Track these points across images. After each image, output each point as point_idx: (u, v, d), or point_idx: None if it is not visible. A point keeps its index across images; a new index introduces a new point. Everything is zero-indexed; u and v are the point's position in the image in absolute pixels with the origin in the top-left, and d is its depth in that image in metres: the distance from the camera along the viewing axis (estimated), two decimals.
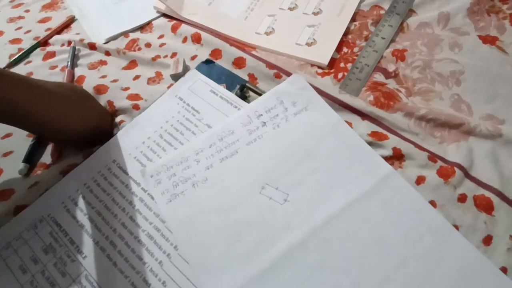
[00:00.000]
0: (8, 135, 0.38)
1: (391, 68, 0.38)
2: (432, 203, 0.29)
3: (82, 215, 0.31)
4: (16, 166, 0.35)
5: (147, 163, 0.33)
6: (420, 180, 0.30)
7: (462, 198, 0.29)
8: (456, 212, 0.29)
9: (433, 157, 0.32)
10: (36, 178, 0.34)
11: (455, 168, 0.30)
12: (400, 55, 0.39)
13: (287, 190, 0.30)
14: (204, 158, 0.32)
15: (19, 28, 0.49)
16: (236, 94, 0.37)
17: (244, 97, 0.37)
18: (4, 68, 0.44)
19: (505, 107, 0.34)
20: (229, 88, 0.38)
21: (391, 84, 0.37)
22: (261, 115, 0.34)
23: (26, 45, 0.46)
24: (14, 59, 0.44)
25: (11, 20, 0.50)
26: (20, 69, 0.43)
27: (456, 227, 0.28)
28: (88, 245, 0.29)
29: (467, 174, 0.30)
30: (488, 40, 0.39)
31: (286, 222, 0.29)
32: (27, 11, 0.51)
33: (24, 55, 0.44)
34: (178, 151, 0.33)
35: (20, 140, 0.37)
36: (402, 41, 0.40)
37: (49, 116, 0.31)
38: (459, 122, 0.33)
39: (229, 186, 0.31)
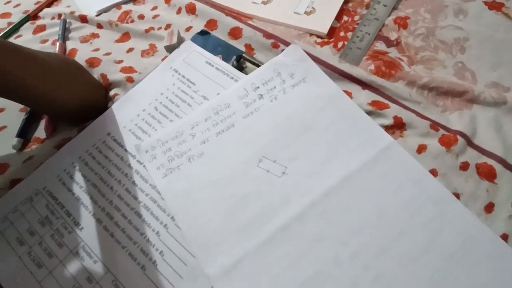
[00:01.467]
0: (0, 110, 0.37)
1: (393, 36, 0.37)
2: (433, 171, 0.28)
3: (78, 188, 0.30)
4: (10, 141, 0.34)
5: (143, 135, 0.33)
6: (421, 149, 0.30)
7: (464, 166, 0.29)
8: (457, 180, 0.28)
9: (435, 125, 0.31)
10: (31, 153, 0.33)
11: (458, 136, 0.30)
12: (402, 23, 0.37)
13: (285, 163, 0.29)
14: (200, 132, 0.32)
15: (8, 2, 0.47)
16: (233, 65, 0.36)
17: (240, 68, 0.36)
18: None
19: (510, 74, 0.33)
20: (225, 59, 0.37)
21: (393, 52, 0.36)
22: (258, 87, 0.33)
23: (15, 19, 0.44)
24: (4, 34, 0.42)
25: None
26: None
27: (457, 195, 0.28)
28: (84, 217, 0.29)
29: (469, 142, 0.30)
30: (494, 6, 0.37)
31: (284, 195, 0.28)
32: None
33: (14, 29, 0.43)
34: (173, 125, 0.32)
35: (13, 115, 0.37)
36: (404, 8, 0.39)
37: (42, 87, 0.30)
38: (462, 90, 0.32)
39: (225, 160, 0.30)
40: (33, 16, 0.44)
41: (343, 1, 0.39)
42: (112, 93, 0.36)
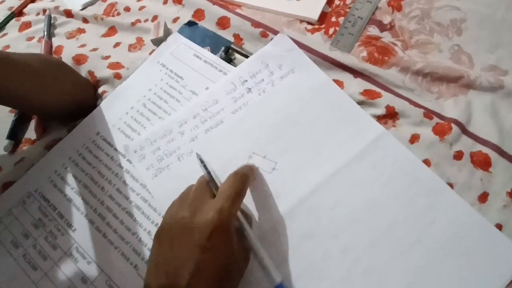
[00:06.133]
0: None
1: (386, 20, 0.35)
2: (426, 161, 0.28)
3: (69, 189, 0.30)
4: (1, 143, 0.34)
5: (132, 134, 0.32)
6: (414, 139, 0.29)
7: (458, 155, 0.28)
8: (451, 170, 0.28)
9: (428, 113, 0.30)
10: (22, 154, 0.33)
11: (452, 124, 0.29)
12: (396, 5, 0.36)
13: (275, 158, 0.29)
14: (189, 130, 0.31)
15: None
16: (221, 57, 0.35)
17: (229, 59, 0.35)
18: None
19: (509, 56, 0.31)
20: (214, 50, 0.36)
21: (386, 37, 0.34)
22: (246, 80, 0.32)
23: (0, 16, 0.44)
24: None
25: None
26: None
27: (451, 185, 0.27)
28: (77, 218, 0.29)
29: (464, 130, 0.29)
30: None
31: (274, 190, 0.28)
32: None
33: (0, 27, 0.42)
34: (161, 123, 0.32)
35: (2, 116, 0.36)
36: None
37: (26, 91, 0.30)
38: (458, 75, 0.31)
39: (215, 157, 0.30)
40: (17, 12, 0.43)
41: None
42: (100, 90, 0.36)
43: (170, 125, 0.32)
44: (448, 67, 0.31)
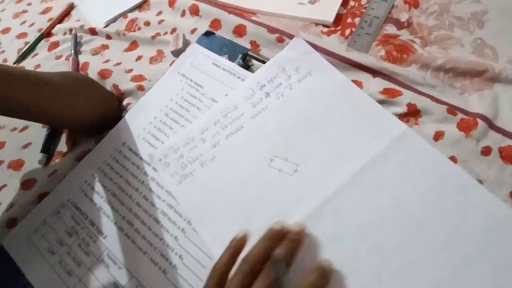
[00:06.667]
0: (25, 128, 0.40)
1: (403, 17, 0.35)
2: (453, 159, 0.27)
3: (99, 198, 0.32)
4: (35, 157, 0.36)
5: (156, 143, 0.33)
6: (438, 136, 0.28)
7: (486, 151, 0.27)
8: (479, 167, 0.27)
9: (452, 109, 0.29)
10: (55, 167, 0.35)
11: (478, 120, 0.28)
12: (413, 2, 0.35)
13: (296, 160, 0.29)
14: (210, 137, 0.32)
15: (24, 22, 0.49)
16: (239, 64, 0.36)
17: (247, 66, 0.36)
18: (14, 63, 0.45)
19: None
20: (232, 58, 0.37)
21: (404, 35, 0.34)
22: (264, 85, 0.33)
23: (31, 38, 0.47)
24: (22, 54, 0.45)
25: (16, 15, 0.51)
26: (28, 63, 0.44)
27: (480, 182, 0.26)
28: (107, 225, 0.30)
29: (491, 125, 0.28)
30: None
31: (298, 193, 0.28)
32: (29, 4, 0.52)
33: (30, 49, 0.45)
34: (183, 132, 0.33)
35: (36, 131, 0.39)
36: None
37: (57, 109, 0.32)
38: (482, 69, 0.30)
39: (237, 162, 0.30)
40: (46, 33, 0.46)
41: None
42: (125, 102, 0.37)
43: (192, 132, 0.32)
44: (471, 61, 0.30)
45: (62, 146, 0.37)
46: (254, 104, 0.32)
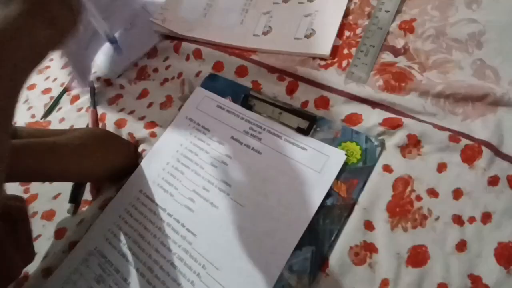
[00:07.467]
0: None
1: (399, 44, 0.35)
2: (458, 191, 0.27)
3: (122, 246, 0.34)
4: (65, 206, 0.40)
5: (169, 188, 0.35)
6: (441, 168, 0.28)
7: (493, 181, 0.27)
8: (487, 198, 0.26)
9: (455, 136, 0.29)
10: (81, 216, 0.38)
11: (482, 147, 0.27)
12: (408, 27, 0.35)
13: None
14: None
15: (47, 77, 0.54)
16: (242, 105, 0.37)
17: (249, 106, 0.37)
18: (41, 118, 0.49)
19: None
20: (235, 99, 0.38)
21: (402, 61, 0.34)
22: None
23: (55, 92, 0.51)
24: (48, 109, 0.49)
25: (40, 71, 0.55)
26: (54, 117, 0.48)
27: (489, 214, 0.26)
28: (130, 272, 0.32)
29: (497, 152, 0.27)
30: None
31: None
32: (51, 59, 0.56)
33: (55, 103, 0.49)
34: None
35: (64, 183, 0.42)
36: (409, 10, 0.36)
37: (79, 171, 0.35)
38: (482, 93, 0.29)
39: None
40: (68, 87, 0.50)
41: (343, 15, 0.38)
42: (140, 149, 0.40)
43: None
44: (471, 85, 0.30)
45: (87, 194, 0.40)
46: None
